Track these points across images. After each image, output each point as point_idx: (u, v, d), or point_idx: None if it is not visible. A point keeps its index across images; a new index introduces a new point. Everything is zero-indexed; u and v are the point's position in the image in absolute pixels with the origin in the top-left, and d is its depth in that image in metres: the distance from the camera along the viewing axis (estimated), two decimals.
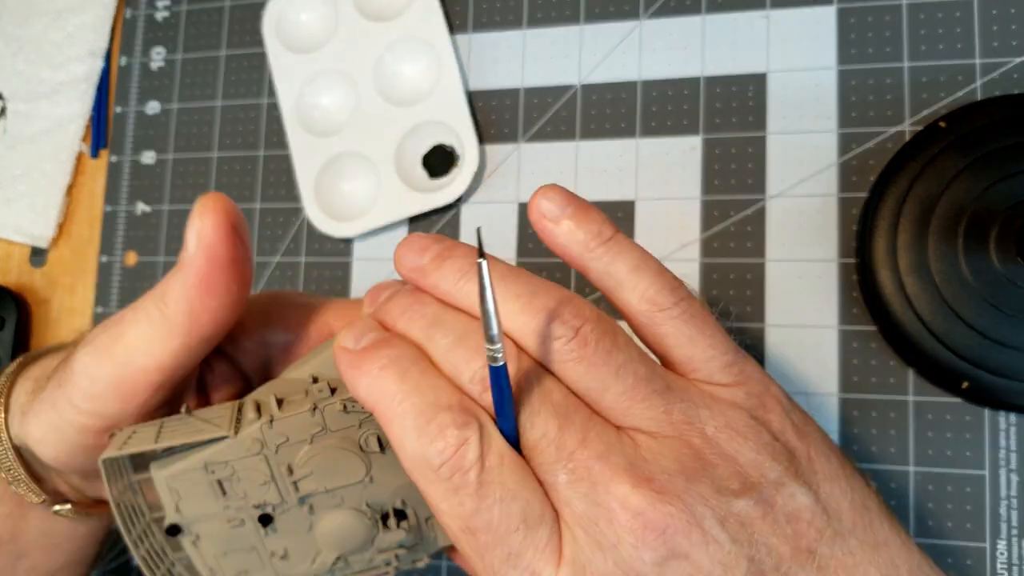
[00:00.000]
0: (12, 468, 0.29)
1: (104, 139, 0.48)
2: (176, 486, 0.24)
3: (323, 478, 0.24)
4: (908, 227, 0.34)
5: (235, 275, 0.24)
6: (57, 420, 0.26)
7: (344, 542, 0.25)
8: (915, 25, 0.37)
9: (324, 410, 0.24)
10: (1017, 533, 0.33)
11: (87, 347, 0.26)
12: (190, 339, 0.25)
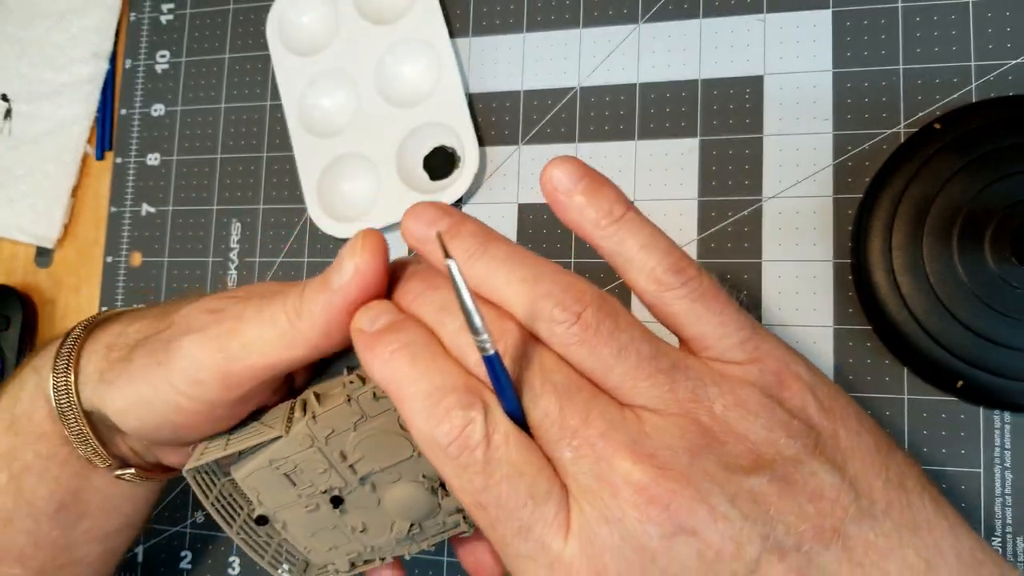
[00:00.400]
0: (82, 432, 0.30)
1: (109, 141, 0.49)
2: (252, 483, 0.27)
3: (375, 459, 0.26)
4: (903, 228, 0.34)
5: (379, 297, 0.25)
6: (151, 396, 0.27)
7: (411, 511, 0.27)
8: (910, 28, 0.37)
9: (358, 399, 0.25)
10: (1012, 531, 0.34)
11: (195, 335, 0.26)
12: (314, 352, 0.26)
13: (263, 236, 0.45)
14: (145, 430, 0.28)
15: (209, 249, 0.46)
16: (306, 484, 0.27)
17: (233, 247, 0.45)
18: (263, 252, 0.45)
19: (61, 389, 0.29)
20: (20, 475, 0.30)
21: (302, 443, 0.26)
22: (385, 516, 0.28)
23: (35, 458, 0.30)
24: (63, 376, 0.29)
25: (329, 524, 0.28)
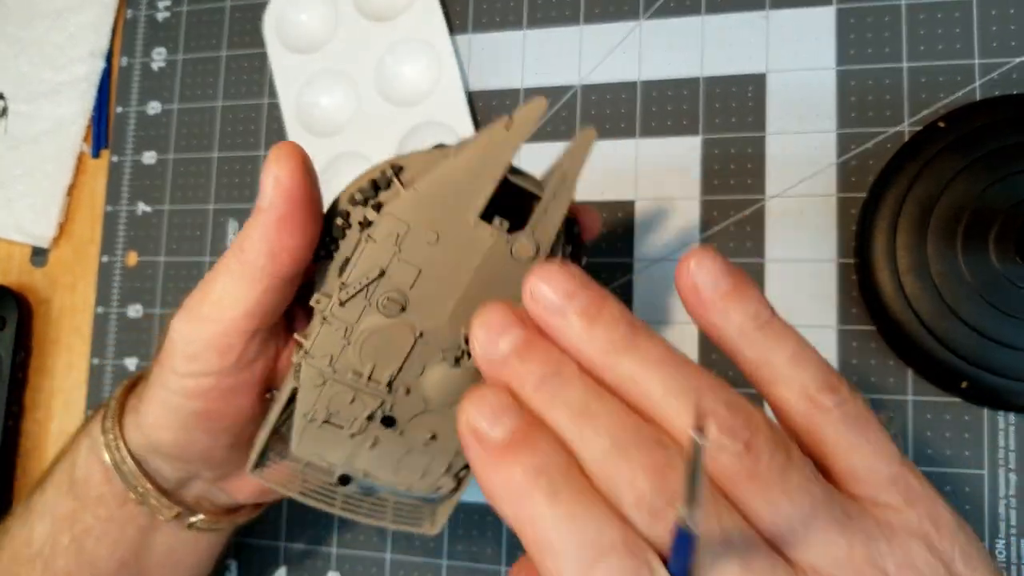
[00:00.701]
0: (139, 485, 0.30)
1: (105, 139, 0.49)
2: (309, 449, 0.28)
3: (387, 361, 0.26)
4: (907, 227, 0.34)
5: (310, 214, 0.26)
6: (166, 395, 0.27)
7: (454, 391, 0.27)
8: (914, 25, 0.37)
9: (332, 314, 0.26)
10: (1016, 532, 0.33)
11: (180, 313, 0.27)
12: (272, 280, 0.26)
13: None
14: (181, 438, 0.28)
15: (206, 248, 0.45)
16: (349, 421, 0.27)
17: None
18: None
19: (112, 446, 0.30)
20: (81, 537, 0.31)
21: (316, 383, 0.26)
22: (440, 414, 0.27)
23: (95, 520, 0.31)
24: (111, 433, 0.30)
25: (401, 450, 0.28)
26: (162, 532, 0.32)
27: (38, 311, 0.48)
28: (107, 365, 0.46)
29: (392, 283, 0.26)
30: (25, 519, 0.32)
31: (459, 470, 0.29)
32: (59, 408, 0.47)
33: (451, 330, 0.26)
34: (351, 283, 0.26)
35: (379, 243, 0.25)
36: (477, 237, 0.25)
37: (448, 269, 0.26)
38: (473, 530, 0.39)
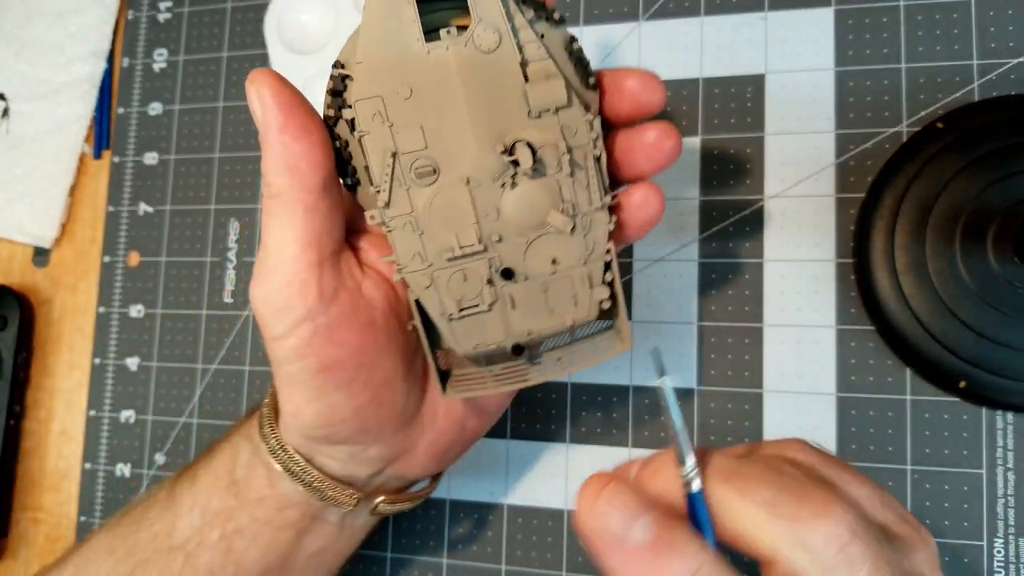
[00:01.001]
0: (314, 480, 0.30)
1: (107, 140, 0.49)
2: (469, 341, 0.28)
3: (462, 224, 0.27)
4: (905, 227, 0.34)
5: (307, 114, 0.26)
6: (286, 372, 0.28)
7: (535, 206, 0.27)
8: (912, 26, 0.37)
9: (388, 219, 0.26)
10: (1014, 532, 0.34)
11: (251, 284, 0.27)
12: (305, 196, 0.26)
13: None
14: (321, 408, 0.28)
15: (207, 249, 0.46)
16: (477, 296, 0.27)
17: (231, 247, 0.45)
18: None
19: (277, 451, 0.30)
20: (232, 536, 0.31)
21: (425, 284, 0.27)
22: (542, 237, 0.27)
23: (251, 521, 0.30)
24: (272, 438, 0.30)
25: (539, 293, 0.28)
26: (312, 536, 0.31)
27: (40, 311, 0.48)
28: (109, 365, 0.46)
29: (409, 154, 0.26)
30: (168, 508, 0.32)
31: (602, 278, 0.28)
32: (61, 408, 0.47)
33: (488, 157, 0.26)
34: (377, 180, 0.26)
35: (371, 131, 0.26)
36: (439, 60, 0.25)
37: (441, 106, 0.26)
38: (473, 529, 0.39)
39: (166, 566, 0.31)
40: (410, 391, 0.30)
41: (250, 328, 0.44)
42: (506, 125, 0.26)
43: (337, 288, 0.27)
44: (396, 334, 0.29)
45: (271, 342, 0.27)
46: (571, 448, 0.39)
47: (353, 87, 0.26)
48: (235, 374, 0.44)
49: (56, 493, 0.46)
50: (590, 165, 0.27)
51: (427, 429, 0.31)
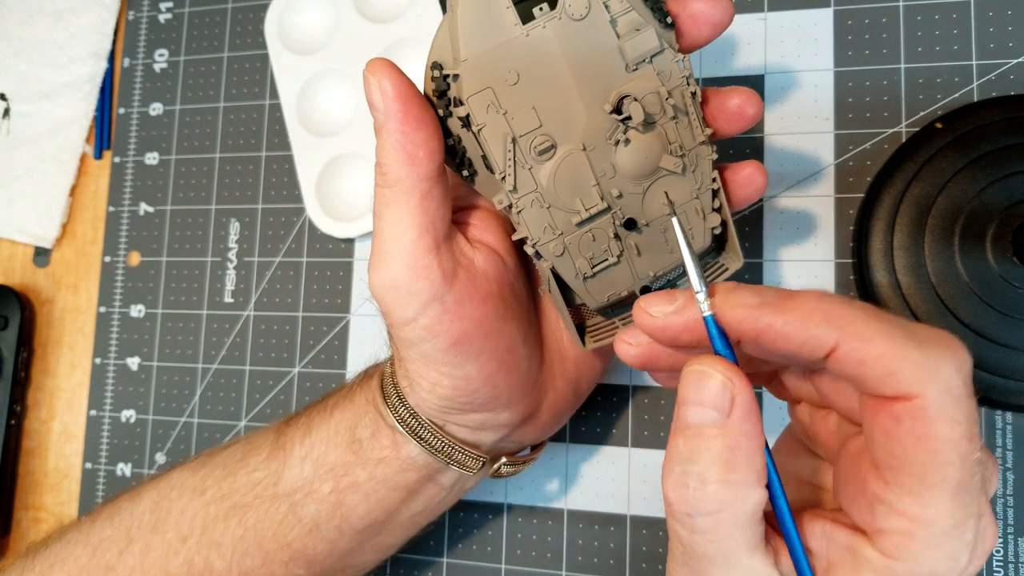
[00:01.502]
0: (447, 444, 0.31)
1: (107, 140, 0.49)
2: (602, 294, 0.30)
3: (585, 187, 0.28)
4: (904, 227, 0.34)
5: (423, 105, 0.27)
6: (418, 352, 0.29)
7: (648, 156, 0.28)
8: (912, 27, 0.37)
9: (516, 201, 0.28)
10: (1013, 531, 0.34)
11: (370, 276, 0.28)
12: (421, 183, 0.27)
13: (262, 236, 0.45)
14: (456, 381, 0.29)
15: (207, 249, 0.46)
16: (606, 251, 0.29)
17: (231, 247, 0.45)
18: (262, 252, 0.45)
19: (407, 418, 0.30)
20: (346, 490, 0.31)
21: (558, 252, 0.28)
22: (656, 182, 0.28)
23: (368, 479, 0.31)
24: (402, 407, 0.30)
25: (660, 235, 0.29)
26: (420, 497, 0.32)
27: (40, 311, 0.48)
28: (109, 365, 0.46)
29: (526, 135, 0.27)
30: (274, 457, 0.33)
31: (711, 205, 0.29)
32: (62, 407, 0.47)
33: (598, 120, 0.27)
34: (499, 167, 0.27)
35: (487, 122, 0.27)
36: (539, 39, 0.26)
37: (548, 82, 0.27)
38: (474, 528, 0.40)
39: (267, 512, 0.32)
40: (531, 356, 0.31)
41: (250, 328, 0.44)
42: (608, 84, 0.27)
43: (455, 267, 0.28)
44: (511, 302, 0.30)
45: (401, 327, 0.28)
46: (571, 448, 0.39)
47: (463, 84, 0.27)
48: (235, 374, 0.44)
49: (57, 492, 0.46)
50: (688, 103, 0.28)
51: (548, 391, 0.32)
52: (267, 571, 0.32)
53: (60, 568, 0.33)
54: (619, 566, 0.37)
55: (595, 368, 0.34)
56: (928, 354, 0.20)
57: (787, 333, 0.21)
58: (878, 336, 0.20)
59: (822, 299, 0.21)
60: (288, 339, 0.44)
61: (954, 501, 0.20)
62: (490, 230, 0.30)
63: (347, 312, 0.43)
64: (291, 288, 0.44)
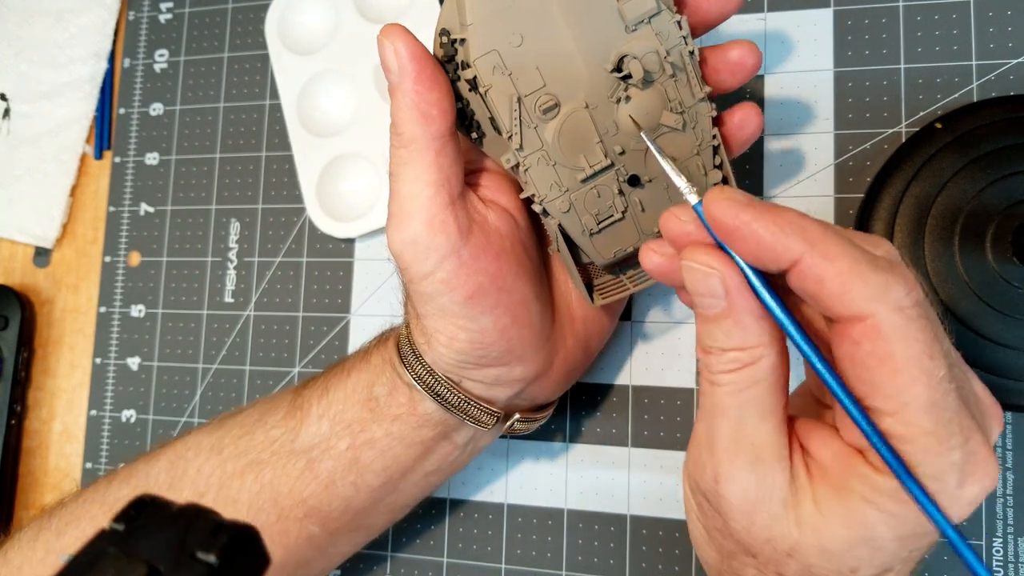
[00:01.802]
0: (463, 398, 0.31)
1: (108, 140, 0.49)
2: (608, 251, 0.31)
3: (588, 144, 0.29)
4: (904, 227, 0.34)
5: (434, 65, 0.28)
6: (435, 307, 0.29)
7: (649, 112, 0.29)
8: (912, 27, 0.37)
9: (523, 159, 0.29)
10: (1013, 531, 0.34)
11: (389, 235, 0.29)
12: (435, 141, 0.28)
13: (262, 236, 0.45)
14: (472, 335, 0.30)
15: (208, 249, 0.46)
16: (611, 207, 0.30)
17: (232, 247, 0.45)
18: (262, 252, 0.45)
19: (424, 375, 0.31)
20: (362, 447, 0.32)
21: (564, 208, 0.29)
22: (659, 137, 0.29)
23: (384, 435, 0.32)
24: (419, 365, 0.31)
25: (662, 190, 0.30)
26: (435, 455, 0.33)
27: (41, 311, 0.48)
28: (110, 365, 0.46)
29: (531, 95, 0.28)
30: (292, 415, 0.33)
31: (712, 163, 0.30)
32: (62, 407, 0.47)
33: (600, 79, 0.28)
34: (506, 127, 0.28)
35: (493, 83, 0.28)
36: (540, 1, 0.27)
37: (550, 44, 0.28)
38: (474, 528, 0.40)
39: (284, 468, 0.32)
40: (542, 312, 0.32)
41: (250, 328, 0.44)
42: (608, 45, 0.28)
43: (470, 223, 0.29)
44: (523, 259, 0.31)
45: (420, 280, 0.29)
46: (571, 448, 0.39)
47: (469, 48, 0.28)
48: (236, 374, 0.44)
49: (58, 492, 0.46)
50: (687, 62, 0.29)
51: (559, 348, 0.33)
52: (282, 527, 0.33)
53: (76, 526, 0.34)
54: (619, 566, 0.37)
55: (603, 327, 0.35)
56: (881, 277, 0.21)
57: (760, 235, 0.22)
58: (841, 257, 0.21)
59: (803, 217, 0.22)
60: (288, 339, 0.44)
61: (929, 417, 0.21)
62: (502, 191, 0.31)
63: (347, 312, 0.43)
64: (291, 288, 0.44)
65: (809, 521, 0.23)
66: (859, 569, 0.23)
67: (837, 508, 0.23)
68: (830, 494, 0.23)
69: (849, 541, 0.23)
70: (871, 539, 0.23)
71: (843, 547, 0.23)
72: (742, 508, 0.24)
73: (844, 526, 0.23)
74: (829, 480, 0.23)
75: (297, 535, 0.33)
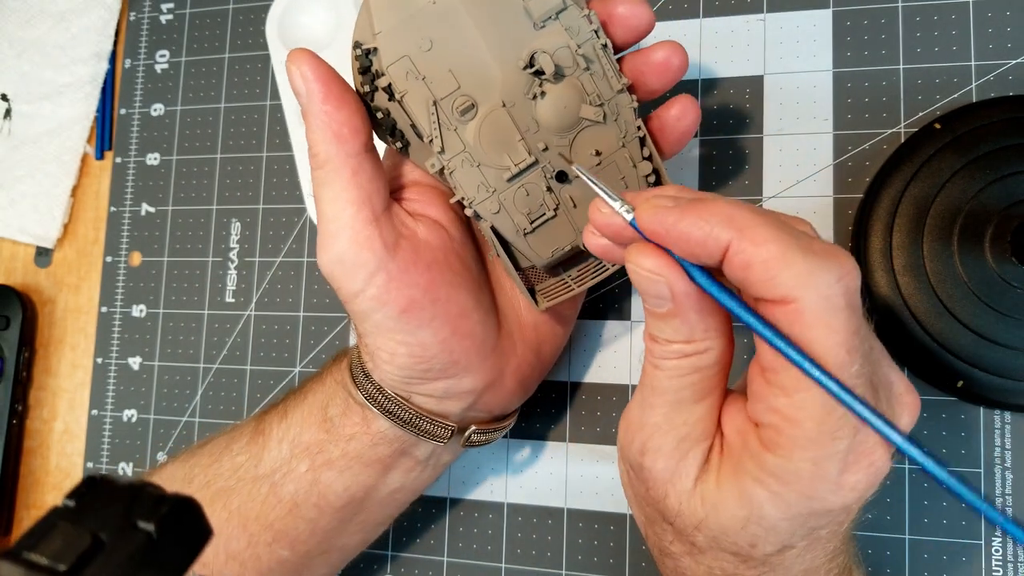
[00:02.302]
0: (414, 415, 0.31)
1: (109, 141, 0.49)
2: (545, 251, 0.31)
3: (510, 142, 0.29)
4: (903, 227, 0.34)
5: (343, 86, 0.29)
6: (372, 324, 0.30)
7: (567, 107, 0.29)
8: (911, 27, 0.37)
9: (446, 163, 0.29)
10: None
11: (318, 256, 0.29)
12: (350, 159, 0.28)
13: (263, 236, 0.45)
14: (412, 349, 0.30)
15: (209, 249, 0.46)
16: (542, 205, 0.30)
17: (233, 247, 0.45)
18: (263, 252, 0.45)
19: (375, 395, 0.31)
20: (321, 468, 0.32)
21: (494, 210, 0.30)
22: (579, 133, 0.29)
23: (341, 455, 0.32)
24: (369, 383, 0.31)
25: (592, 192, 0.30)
26: (396, 472, 0.33)
27: (42, 311, 0.48)
28: (111, 365, 0.47)
29: (447, 97, 0.29)
30: (255, 440, 0.33)
31: (641, 155, 0.30)
32: (63, 407, 0.47)
33: (513, 77, 0.29)
34: (426, 131, 0.29)
35: (408, 89, 0.28)
36: (445, 6, 0.28)
37: (460, 46, 0.28)
38: (474, 528, 0.40)
39: (249, 494, 0.33)
40: (485, 321, 0.32)
41: (251, 328, 0.44)
42: (518, 43, 0.28)
43: (397, 237, 0.29)
44: (459, 270, 0.31)
45: (352, 299, 0.29)
46: (571, 447, 0.39)
47: (380, 56, 0.28)
48: (236, 373, 0.44)
49: (59, 492, 0.46)
50: (600, 55, 0.29)
51: (510, 357, 0.33)
52: (252, 553, 0.33)
53: None
54: (619, 566, 0.37)
55: (556, 333, 0.35)
56: (810, 263, 0.21)
57: (688, 232, 0.22)
58: (769, 242, 0.21)
59: (731, 204, 0.22)
60: (289, 339, 0.44)
61: (823, 408, 0.21)
62: (432, 203, 0.32)
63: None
64: (292, 288, 0.44)
65: (710, 499, 0.24)
66: (757, 545, 0.24)
67: (732, 487, 0.24)
68: (728, 472, 0.24)
69: (742, 520, 0.23)
70: (761, 518, 0.23)
71: (738, 525, 0.24)
72: (660, 481, 0.25)
73: (737, 505, 0.23)
74: (730, 457, 0.24)
75: (268, 560, 0.33)
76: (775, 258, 0.21)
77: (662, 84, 0.30)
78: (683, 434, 0.25)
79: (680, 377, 0.24)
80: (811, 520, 0.23)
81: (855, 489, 0.23)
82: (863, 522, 0.35)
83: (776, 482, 0.23)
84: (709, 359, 0.24)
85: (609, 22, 0.29)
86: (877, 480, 0.23)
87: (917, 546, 0.34)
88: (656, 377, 0.25)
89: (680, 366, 0.24)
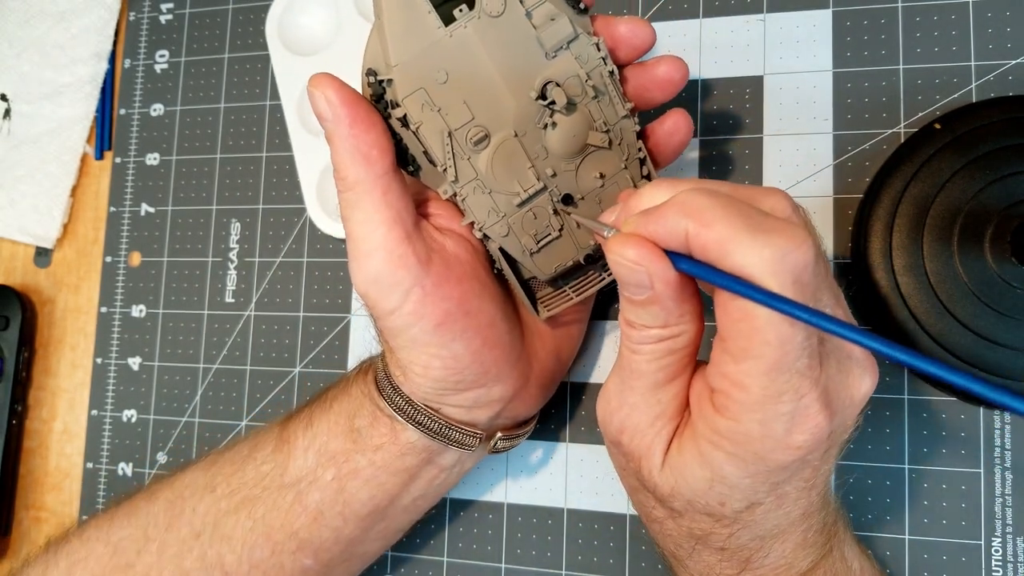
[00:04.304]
0: (444, 425, 0.32)
1: (108, 141, 0.49)
2: (550, 266, 0.32)
3: (520, 170, 0.30)
4: (903, 228, 0.34)
5: (369, 109, 0.29)
6: (402, 342, 0.30)
7: (575, 135, 0.30)
8: (910, 28, 0.37)
9: (459, 189, 0.30)
10: (1012, 530, 0.34)
11: (353, 277, 0.30)
12: (380, 180, 0.29)
13: (262, 236, 0.45)
14: (446, 361, 0.30)
15: (208, 249, 0.46)
16: (548, 226, 0.31)
17: (232, 247, 0.45)
18: (262, 252, 0.45)
19: (404, 407, 0.31)
20: (347, 477, 0.33)
21: (503, 233, 0.31)
22: (587, 158, 0.30)
23: (368, 465, 0.32)
24: (398, 396, 0.32)
25: (596, 205, 0.31)
26: (420, 481, 0.33)
27: (42, 311, 0.48)
28: (110, 365, 0.47)
29: (461, 128, 0.29)
30: (280, 449, 0.34)
31: (640, 175, 0.31)
32: (63, 407, 0.47)
33: (526, 107, 0.29)
34: (440, 160, 0.29)
35: (424, 120, 0.29)
36: (461, 38, 0.28)
37: (475, 77, 0.29)
38: (474, 528, 0.40)
39: (275, 503, 0.33)
40: (511, 330, 0.32)
41: (251, 328, 0.44)
42: (531, 73, 0.29)
43: (429, 253, 0.30)
44: (486, 281, 0.32)
45: (387, 316, 0.30)
46: (570, 447, 0.39)
47: (396, 88, 0.29)
48: (236, 373, 0.44)
49: (58, 492, 0.46)
50: (607, 82, 0.30)
51: (533, 363, 0.34)
52: (276, 561, 0.33)
53: (83, 566, 0.34)
54: (619, 566, 0.37)
55: (572, 336, 0.36)
56: (760, 240, 0.22)
57: (656, 232, 0.24)
58: (719, 222, 0.22)
59: (692, 192, 0.24)
60: (289, 339, 0.44)
61: (768, 375, 0.23)
62: (456, 218, 0.32)
63: (348, 312, 0.43)
64: (292, 288, 0.44)
65: (677, 465, 0.26)
66: (726, 503, 0.25)
67: (693, 450, 0.25)
68: (688, 437, 0.25)
69: (707, 480, 0.25)
70: (723, 477, 0.25)
71: (704, 485, 0.25)
72: (637, 456, 0.27)
73: (698, 465, 0.25)
74: (689, 423, 0.26)
75: (291, 569, 0.33)
76: (725, 238, 0.22)
77: (663, 97, 0.31)
78: (657, 412, 0.26)
79: (656, 360, 0.26)
80: (771, 476, 0.25)
81: (801, 448, 0.24)
82: (863, 522, 0.35)
83: (729, 443, 0.24)
84: (683, 342, 0.25)
85: (611, 42, 0.30)
86: (820, 441, 0.24)
87: (917, 546, 0.34)
88: (634, 360, 0.26)
89: (656, 350, 0.25)
